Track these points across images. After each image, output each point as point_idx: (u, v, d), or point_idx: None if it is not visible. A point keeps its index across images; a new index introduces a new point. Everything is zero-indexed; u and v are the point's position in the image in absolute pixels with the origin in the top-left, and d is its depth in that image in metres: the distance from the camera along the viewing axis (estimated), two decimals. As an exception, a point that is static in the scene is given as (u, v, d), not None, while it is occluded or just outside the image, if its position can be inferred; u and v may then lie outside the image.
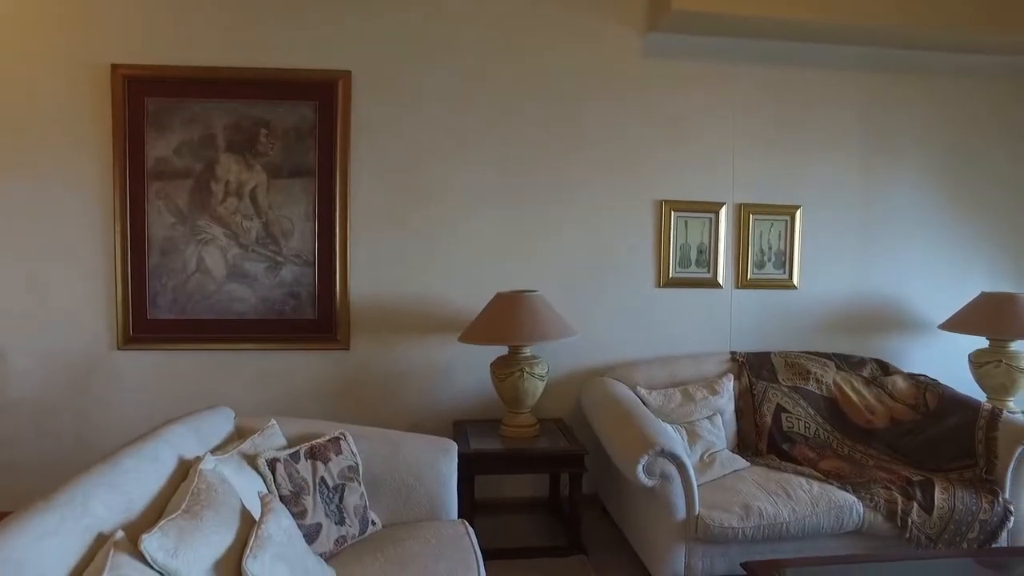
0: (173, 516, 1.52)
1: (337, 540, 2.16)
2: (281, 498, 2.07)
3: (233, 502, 1.73)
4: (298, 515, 2.07)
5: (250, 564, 1.50)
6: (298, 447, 2.25)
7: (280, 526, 1.71)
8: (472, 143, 3.48)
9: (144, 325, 3.32)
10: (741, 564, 2.11)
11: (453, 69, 3.45)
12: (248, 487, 1.93)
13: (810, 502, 2.72)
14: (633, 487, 2.78)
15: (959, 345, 3.79)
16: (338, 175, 3.37)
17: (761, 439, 3.31)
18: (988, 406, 3.13)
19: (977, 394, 3.59)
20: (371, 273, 3.45)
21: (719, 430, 3.21)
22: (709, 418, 3.21)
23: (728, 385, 3.36)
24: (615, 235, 3.61)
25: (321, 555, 2.06)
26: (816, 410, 3.41)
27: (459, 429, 3.26)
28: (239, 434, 2.35)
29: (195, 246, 3.32)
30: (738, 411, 3.37)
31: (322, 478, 2.22)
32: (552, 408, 3.53)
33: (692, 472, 2.65)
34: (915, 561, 2.34)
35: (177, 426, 2.08)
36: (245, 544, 1.57)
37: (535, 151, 3.52)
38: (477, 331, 3.08)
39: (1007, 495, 2.86)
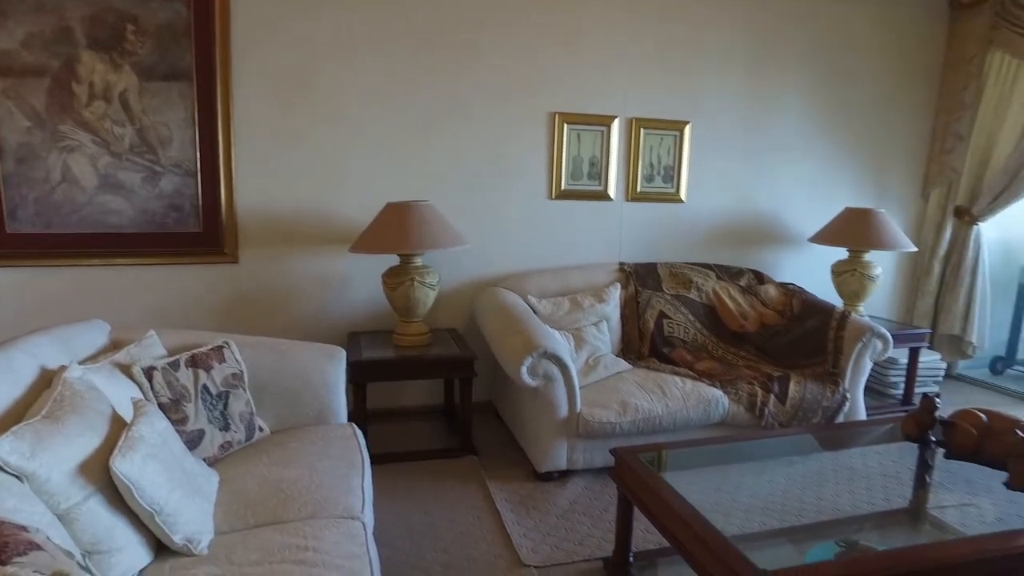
0: (30, 421, 1.48)
1: (222, 445, 2.18)
2: (160, 406, 2.05)
3: (102, 407, 1.70)
4: (178, 422, 2.06)
5: (118, 463, 1.50)
6: (178, 356, 2.22)
7: (154, 428, 1.70)
8: (364, 50, 3.34)
9: (2, 240, 3.08)
10: (610, 450, 2.29)
11: (341, -33, 3.27)
12: (121, 395, 1.90)
13: (682, 398, 2.95)
14: (521, 390, 2.92)
15: (825, 256, 4.12)
16: (219, 79, 3.17)
17: (644, 344, 3.53)
18: (841, 310, 3.45)
19: (836, 300, 3.94)
20: (259, 184, 3.32)
21: (605, 335, 3.39)
22: (596, 324, 3.38)
23: (615, 294, 3.53)
24: (508, 146, 3.61)
25: (205, 459, 2.08)
26: (696, 316, 3.65)
27: (353, 340, 3.29)
28: (114, 346, 2.28)
29: (59, 154, 3.07)
30: (623, 318, 3.57)
31: (204, 385, 2.20)
32: (446, 318, 3.61)
33: (574, 373, 2.82)
34: (760, 440, 2.61)
35: (40, 336, 1.99)
36: (115, 446, 1.56)
37: (429, 60, 3.43)
38: (367, 241, 3.06)
39: (846, 385, 3.23)
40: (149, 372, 2.10)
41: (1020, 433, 2.07)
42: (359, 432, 2.39)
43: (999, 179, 4.18)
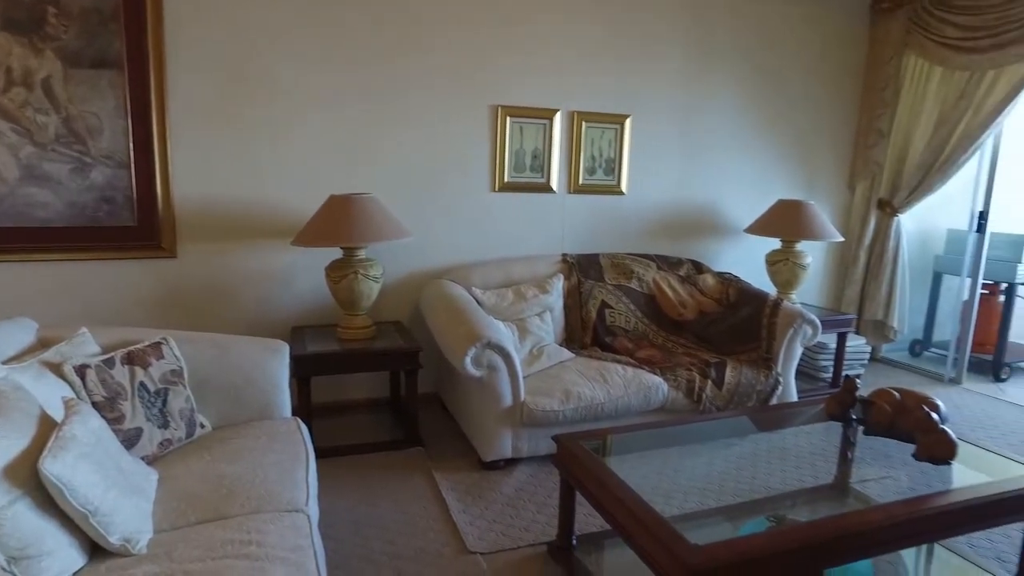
0: (-47, 422, 1.43)
1: (162, 443, 2.14)
2: (94, 404, 1.99)
3: (29, 408, 1.65)
4: (114, 420, 2.01)
5: (48, 464, 1.46)
6: (113, 353, 2.16)
7: (87, 427, 1.66)
8: (306, 38, 3.29)
9: (-89, 233, 2.91)
10: (552, 437, 2.34)
11: (277, -46, 3.21)
12: (51, 395, 1.84)
13: (623, 385, 3.04)
14: (466, 380, 2.96)
15: (760, 246, 4.28)
16: (152, 67, 3.07)
17: (586, 333, 3.60)
18: (774, 298, 3.60)
19: (770, 288, 4.11)
20: (197, 176, 3.24)
21: (548, 326, 3.45)
22: (539, 315, 3.44)
23: (558, 284, 3.59)
24: (452, 139, 3.62)
25: (144, 458, 2.04)
26: (637, 306, 3.75)
27: (297, 334, 3.26)
28: (42, 344, 2.21)
29: (-26, 143, 2.93)
30: (566, 308, 3.64)
31: (141, 383, 2.15)
32: (391, 311, 3.61)
33: (518, 362, 2.87)
34: (698, 424, 2.70)
35: (-39, 336, 1.91)
36: (44, 447, 1.52)
37: (372, 52, 3.40)
38: (309, 234, 3.03)
39: (779, 369, 3.38)
40: (82, 370, 2.04)
41: (926, 409, 2.23)
42: (303, 426, 2.38)
43: (915, 174, 4.43)
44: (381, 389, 3.72)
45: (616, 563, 2.39)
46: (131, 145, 3.12)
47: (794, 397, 3.50)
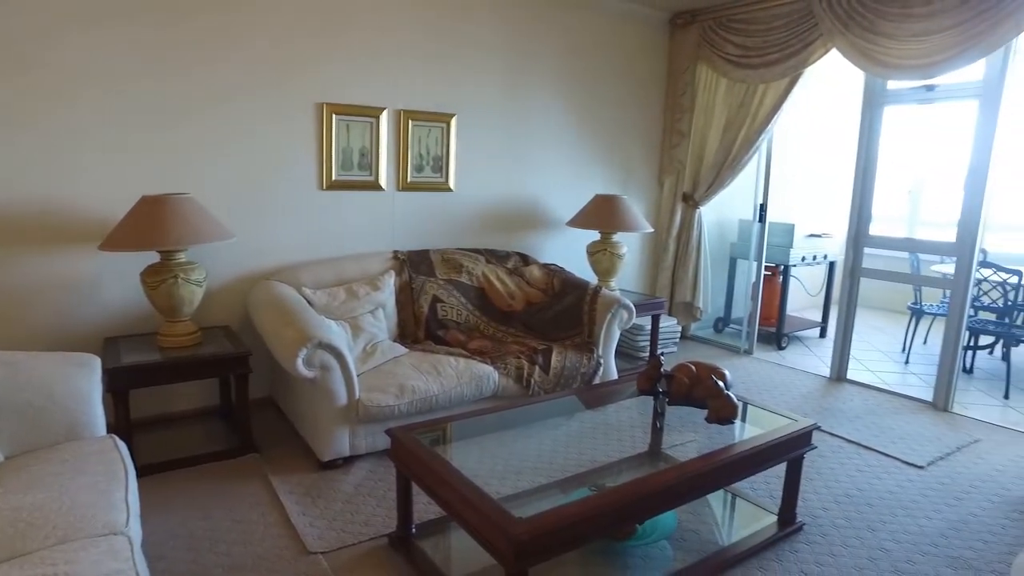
0: None
1: (-57, 478, 1.92)
2: None
3: None
4: None
5: None
6: None
7: None
8: (105, 21, 3.01)
9: None
10: (385, 431, 2.41)
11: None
12: None
13: (456, 376, 3.17)
14: (299, 382, 2.93)
15: (581, 238, 4.62)
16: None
17: (419, 327, 3.70)
18: (594, 286, 3.91)
19: (592, 277, 4.45)
20: (-28, 175, 2.89)
21: (381, 322, 3.50)
22: (372, 312, 3.47)
23: (390, 281, 3.64)
24: (276, 137, 3.53)
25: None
26: (467, 299, 3.90)
27: (111, 345, 3.03)
28: None
29: None
30: (399, 304, 3.70)
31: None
32: (218, 315, 3.46)
33: (351, 361, 2.89)
34: (528, 407, 2.90)
35: None
36: None
37: (188, 40, 3.21)
38: (120, 237, 2.83)
39: (600, 352, 3.70)
40: None
41: (715, 378, 2.58)
42: (121, 444, 2.24)
43: (711, 171, 5.00)
44: (211, 397, 3.56)
45: (454, 546, 2.52)
46: None
47: (614, 376, 3.84)
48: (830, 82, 5.76)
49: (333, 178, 3.72)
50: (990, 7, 3.36)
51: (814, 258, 5.54)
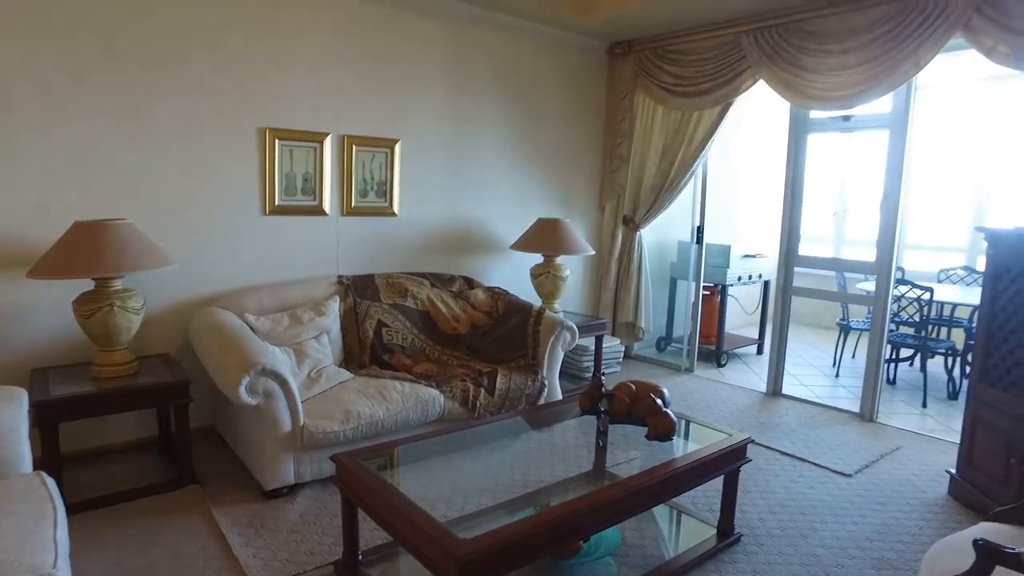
0: None
1: None
2: None
3: None
4: None
5: None
6: None
7: None
8: (42, 40, 2.94)
9: None
10: (330, 457, 2.40)
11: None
12: None
13: (401, 400, 3.18)
14: (242, 410, 2.89)
15: (525, 261, 4.70)
16: None
17: (364, 352, 3.69)
18: (538, 308, 3.99)
19: (536, 300, 4.53)
20: None
21: (326, 348, 3.48)
22: (316, 338, 3.45)
23: (334, 306, 3.63)
24: (217, 162, 3.49)
25: None
26: (412, 323, 3.91)
27: (39, 377, 2.92)
28: None
29: None
30: (344, 329, 3.69)
31: None
32: (157, 344, 3.38)
33: (295, 387, 2.87)
34: (474, 430, 2.93)
35: None
36: None
37: (122, 66, 3.15)
38: (50, 264, 2.74)
39: (544, 373, 3.76)
40: None
41: (653, 396, 2.68)
42: (49, 480, 2.16)
43: (649, 194, 5.17)
44: (150, 428, 3.45)
45: (402, 571, 2.51)
46: None
47: (558, 396, 3.90)
48: (763, 108, 6.06)
49: (276, 203, 3.70)
50: (893, 47, 3.66)
51: (750, 277, 5.76)
